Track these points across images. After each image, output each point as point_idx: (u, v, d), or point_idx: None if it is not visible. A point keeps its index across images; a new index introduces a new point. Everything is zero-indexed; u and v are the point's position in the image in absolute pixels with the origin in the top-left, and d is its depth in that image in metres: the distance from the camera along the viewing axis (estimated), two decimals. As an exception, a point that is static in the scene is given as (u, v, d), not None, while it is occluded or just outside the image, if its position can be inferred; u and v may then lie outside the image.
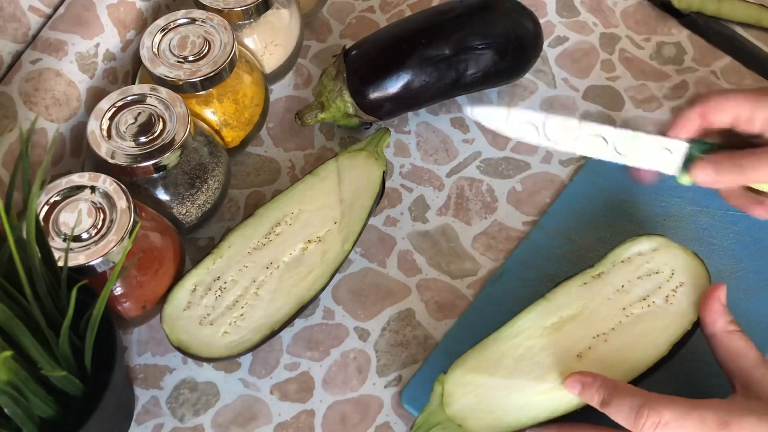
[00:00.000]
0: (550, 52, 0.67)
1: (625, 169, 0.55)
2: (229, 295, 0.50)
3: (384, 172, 0.55)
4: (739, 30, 0.68)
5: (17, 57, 0.54)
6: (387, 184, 0.59)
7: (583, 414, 0.45)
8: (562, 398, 0.45)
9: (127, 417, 0.50)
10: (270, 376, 0.52)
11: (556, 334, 0.47)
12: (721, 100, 0.49)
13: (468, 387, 0.46)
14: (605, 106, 0.63)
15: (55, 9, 0.57)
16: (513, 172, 0.60)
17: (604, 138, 0.50)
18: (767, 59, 0.66)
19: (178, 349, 0.48)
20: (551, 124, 0.50)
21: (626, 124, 0.59)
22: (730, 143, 0.50)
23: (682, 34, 0.68)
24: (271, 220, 0.52)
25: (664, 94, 0.64)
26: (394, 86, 0.57)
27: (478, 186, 0.60)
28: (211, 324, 0.49)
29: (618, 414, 0.42)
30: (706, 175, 0.49)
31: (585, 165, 0.59)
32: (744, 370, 0.43)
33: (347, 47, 0.59)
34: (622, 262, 0.50)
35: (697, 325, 0.47)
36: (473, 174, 0.60)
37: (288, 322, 0.50)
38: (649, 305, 0.48)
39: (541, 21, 0.63)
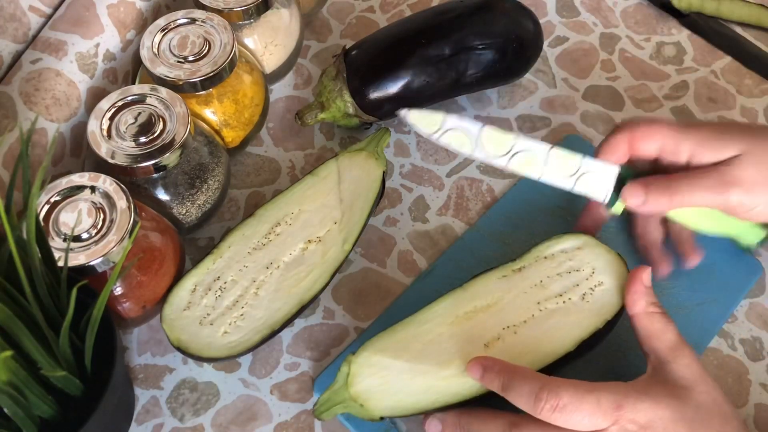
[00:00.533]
0: (550, 52, 0.67)
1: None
2: (229, 295, 0.50)
3: (384, 172, 0.55)
4: (739, 30, 0.68)
5: (17, 57, 0.54)
6: (387, 184, 0.59)
7: (486, 400, 0.45)
8: (464, 384, 0.45)
9: (127, 417, 0.50)
10: (270, 376, 0.52)
11: (467, 322, 0.47)
12: (648, 129, 0.49)
13: (374, 368, 0.46)
14: (605, 106, 0.63)
15: (55, 9, 0.57)
16: (513, 172, 0.60)
17: (537, 157, 0.49)
18: (767, 59, 0.66)
19: (178, 349, 0.48)
20: (486, 136, 0.49)
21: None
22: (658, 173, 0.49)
23: (682, 34, 0.68)
24: (271, 220, 0.52)
25: (664, 94, 0.64)
26: (394, 86, 0.57)
27: (478, 186, 0.60)
28: (211, 324, 0.49)
29: (518, 398, 0.42)
30: (636, 197, 0.48)
31: None
32: (657, 352, 0.43)
33: (347, 47, 0.59)
34: (545, 258, 0.49)
35: (612, 325, 0.47)
36: (473, 174, 0.60)
37: (288, 322, 0.50)
38: (564, 301, 0.48)
39: (541, 21, 0.63)
